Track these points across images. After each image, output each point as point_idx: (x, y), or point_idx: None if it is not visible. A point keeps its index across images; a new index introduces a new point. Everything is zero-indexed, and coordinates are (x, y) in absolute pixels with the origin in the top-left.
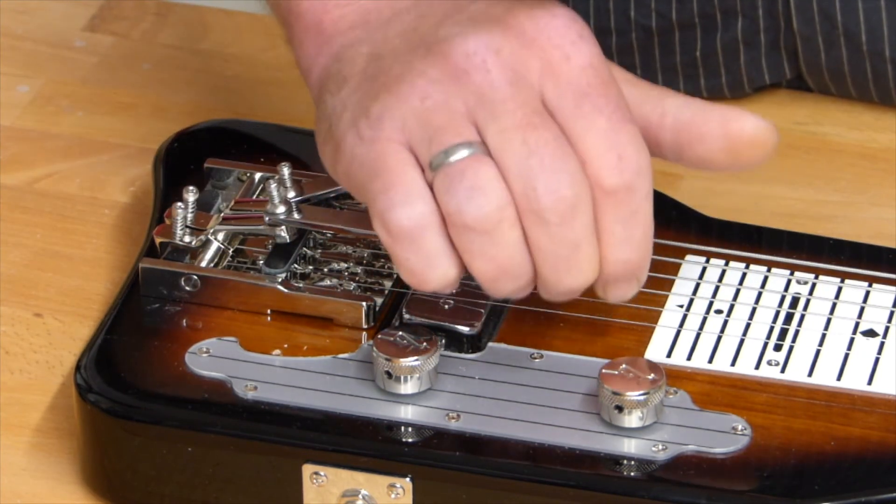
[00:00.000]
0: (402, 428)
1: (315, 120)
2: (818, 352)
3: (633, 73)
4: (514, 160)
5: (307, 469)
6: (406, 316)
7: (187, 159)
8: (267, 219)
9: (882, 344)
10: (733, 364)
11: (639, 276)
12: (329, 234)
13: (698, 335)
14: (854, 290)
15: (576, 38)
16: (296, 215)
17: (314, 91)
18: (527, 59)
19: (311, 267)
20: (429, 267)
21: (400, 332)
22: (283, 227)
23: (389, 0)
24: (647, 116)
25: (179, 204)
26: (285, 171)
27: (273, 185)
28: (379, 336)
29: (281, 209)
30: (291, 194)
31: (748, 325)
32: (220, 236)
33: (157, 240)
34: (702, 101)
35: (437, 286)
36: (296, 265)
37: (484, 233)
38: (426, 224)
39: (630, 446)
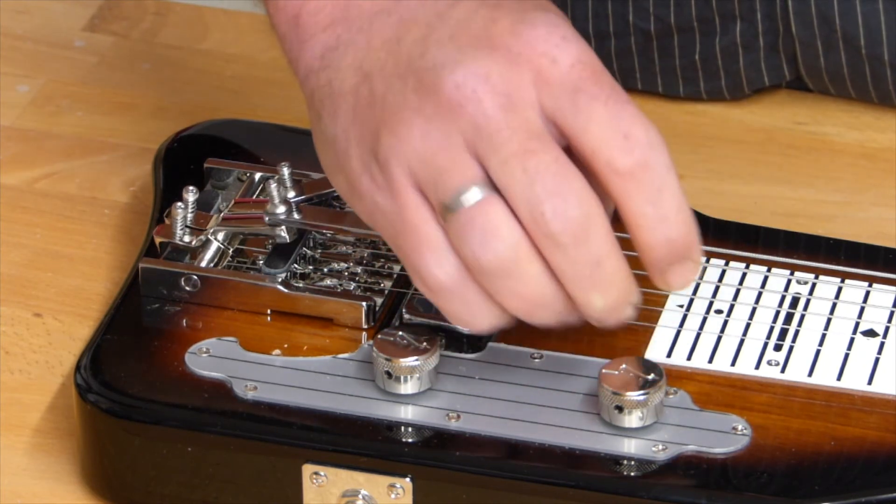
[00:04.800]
0: (402, 428)
1: (313, 129)
2: (818, 352)
3: (633, 75)
4: (519, 190)
5: (307, 469)
6: (406, 316)
7: (187, 159)
8: (267, 219)
9: (882, 344)
10: (733, 364)
11: (690, 254)
12: (329, 234)
13: (698, 335)
14: (854, 290)
15: (559, 40)
16: (296, 215)
17: (304, 89)
18: (516, 76)
19: (311, 267)
20: (474, 314)
21: (400, 332)
22: (283, 227)
23: None
24: None
25: (179, 204)
26: (285, 171)
27: (273, 185)
28: (379, 336)
29: (281, 209)
30: (291, 194)
31: (748, 325)
32: (220, 236)
33: (157, 240)
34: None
35: (489, 327)
36: (296, 265)
37: (504, 275)
38: (462, 277)
39: (630, 446)
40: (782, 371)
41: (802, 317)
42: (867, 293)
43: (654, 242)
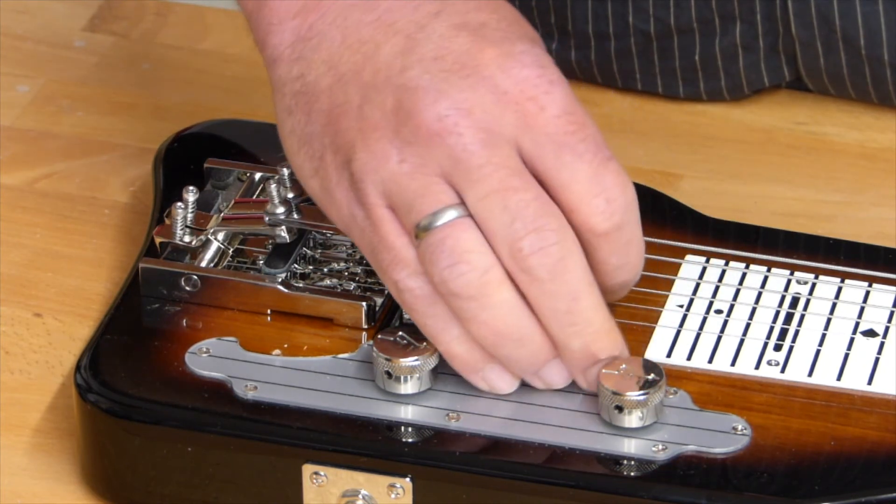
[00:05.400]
0: (402, 428)
1: (280, 120)
2: (818, 352)
3: (633, 76)
4: (498, 226)
5: (307, 469)
6: (406, 316)
7: (187, 159)
8: (267, 219)
9: (882, 344)
10: (733, 364)
11: (634, 283)
12: (329, 234)
13: (698, 335)
14: (854, 290)
15: (547, 86)
16: (296, 215)
17: (271, 74)
18: (500, 114)
19: (311, 267)
20: (444, 330)
21: (400, 332)
22: (283, 227)
23: None
24: None
25: (179, 204)
26: (285, 171)
27: (273, 185)
28: (379, 336)
29: (281, 209)
30: (291, 194)
31: (748, 325)
32: (220, 236)
33: (157, 240)
34: None
35: (458, 350)
36: (296, 265)
37: (470, 298)
38: (435, 294)
39: (630, 446)
40: (782, 371)
41: (802, 317)
42: (867, 293)
43: (609, 284)
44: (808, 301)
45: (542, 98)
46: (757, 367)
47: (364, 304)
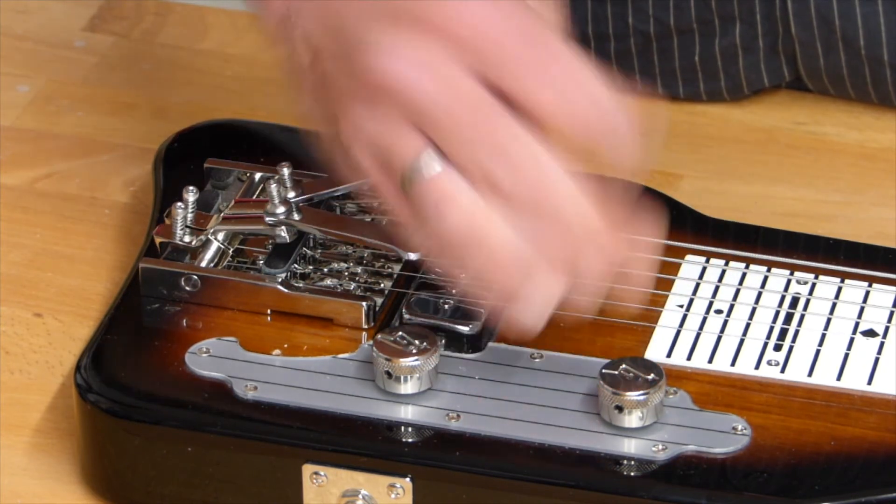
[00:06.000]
0: (402, 428)
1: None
2: (818, 352)
3: (632, 77)
4: (477, 168)
5: (307, 469)
6: (406, 316)
7: (187, 159)
8: (267, 219)
9: (882, 344)
10: (733, 364)
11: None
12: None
13: (698, 335)
14: (854, 290)
15: (491, 10)
16: (296, 215)
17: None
18: (452, 54)
19: (311, 267)
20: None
21: (400, 332)
22: (283, 227)
23: None
24: None
25: (179, 204)
26: (285, 171)
27: (273, 185)
28: (379, 336)
29: (281, 209)
30: (291, 194)
31: (748, 325)
32: (220, 236)
33: (157, 240)
34: None
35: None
36: (296, 265)
37: (467, 242)
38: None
39: (630, 446)
40: (782, 371)
41: (802, 317)
42: (867, 293)
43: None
44: (808, 301)
45: (483, 24)
46: (757, 367)
47: (364, 304)
